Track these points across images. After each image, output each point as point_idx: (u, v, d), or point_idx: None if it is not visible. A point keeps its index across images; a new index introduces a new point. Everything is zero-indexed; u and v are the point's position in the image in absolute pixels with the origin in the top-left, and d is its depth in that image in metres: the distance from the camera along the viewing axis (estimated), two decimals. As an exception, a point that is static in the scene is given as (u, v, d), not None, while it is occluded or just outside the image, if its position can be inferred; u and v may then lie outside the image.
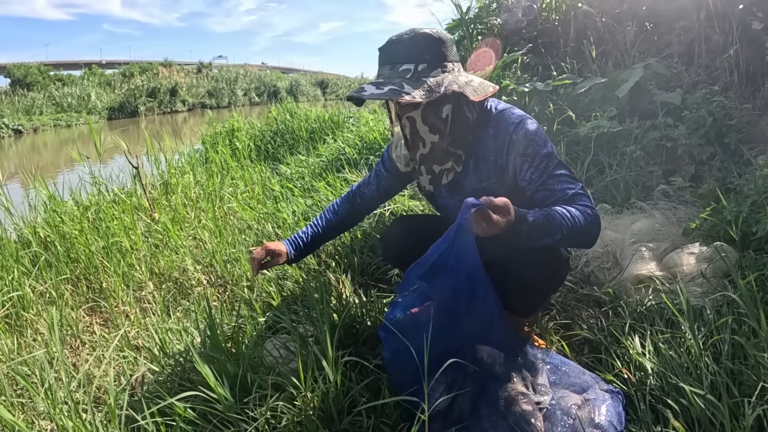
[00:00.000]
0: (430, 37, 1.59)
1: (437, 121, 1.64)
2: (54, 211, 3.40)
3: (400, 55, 1.59)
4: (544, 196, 1.61)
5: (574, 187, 1.60)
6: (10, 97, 31.99)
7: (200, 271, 2.72)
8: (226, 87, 44.10)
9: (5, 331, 2.27)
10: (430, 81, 1.56)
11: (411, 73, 1.57)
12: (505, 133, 1.65)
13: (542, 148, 1.62)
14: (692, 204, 2.64)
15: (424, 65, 1.57)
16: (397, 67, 1.58)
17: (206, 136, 6.72)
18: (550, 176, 1.61)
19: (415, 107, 1.63)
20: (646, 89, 3.38)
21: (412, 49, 1.58)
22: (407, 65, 1.57)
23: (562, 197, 1.58)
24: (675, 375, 1.48)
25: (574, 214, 1.52)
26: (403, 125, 1.71)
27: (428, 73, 1.57)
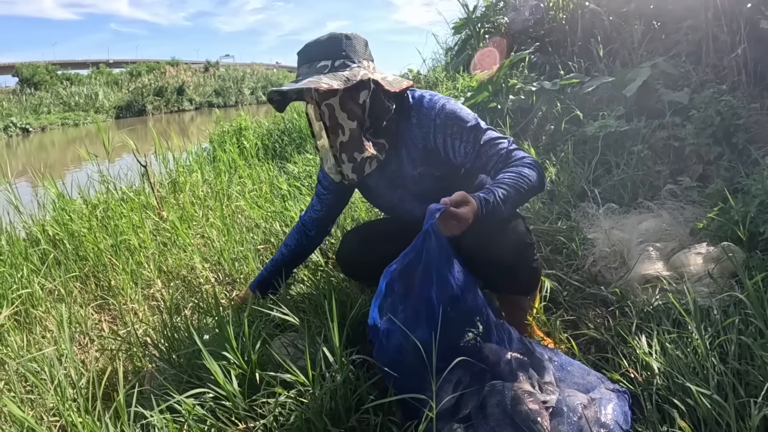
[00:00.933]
0: (347, 36, 1.70)
1: (355, 107, 1.70)
2: (63, 210, 3.42)
3: (317, 53, 1.69)
4: (483, 163, 1.73)
5: (505, 144, 1.72)
6: (18, 96, 32.17)
7: (208, 269, 2.74)
8: (233, 86, 44.20)
9: (14, 328, 2.29)
10: (346, 73, 1.64)
11: (328, 68, 1.66)
12: (428, 118, 1.75)
13: (466, 122, 1.73)
14: (700, 204, 2.63)
15: (341, 61, 1.66)
16: (315, 64, 1.67)
17: (214, 134, 6.74)
18: (482, 144, 1.72)
19: (333, 94, 1.68)
20: (654, 88, 3.37)
21: (329, 48, 1.68)
22: (324, 62, 1.67)
23: (499, 158, 1.70)
24: (681, 375, 1.48)
25: (521, 172, 1.62)
26: (321, 113, 1.73)
27: (344, 68, 1.66)
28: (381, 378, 1.53)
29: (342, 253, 2.12)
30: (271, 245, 2.89)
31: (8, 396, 1.66)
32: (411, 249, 1.45)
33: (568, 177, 3.07)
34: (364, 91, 1.70)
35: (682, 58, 3.74)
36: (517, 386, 1.47)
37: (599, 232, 2.47)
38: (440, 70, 6.56)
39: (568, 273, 2.30)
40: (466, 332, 1.53)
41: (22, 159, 15.73)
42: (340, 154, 1.77)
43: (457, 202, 1.46)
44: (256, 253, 2.75)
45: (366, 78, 1.66)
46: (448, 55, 7.08)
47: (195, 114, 34.63)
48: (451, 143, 1.74)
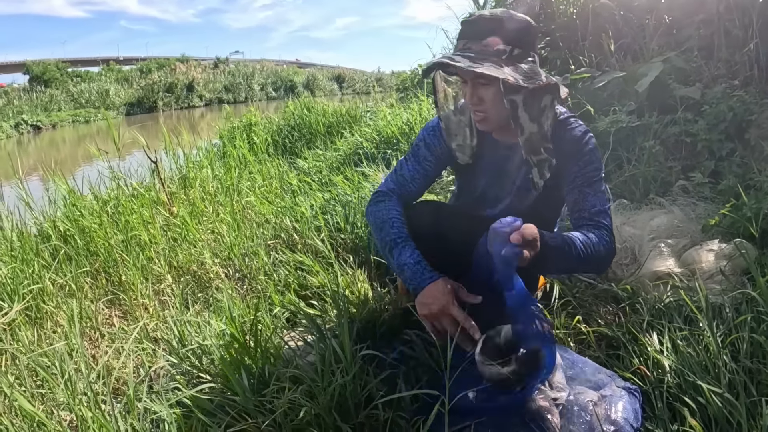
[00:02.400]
0: (528, 22, 1.55)
1: (537, 110, 1.58)
2: (73, 206, 3.44)
3: (497, 33, 1.51)
4: (575, 200, 1.63)
5: (603, 206, 1.61)
6: (29, 94, 32.36)
7: (218, 265, 2.74)
8: (243, 82, 44.33)
9: (26, 323, 2.30)
10: (525, 67, 1.51)
11: (507, 55, 1.50)
12: (573, 142, 1.63)
13: (596, 162, 1.64)
14: (711, 200, 2.61)
15: (519, 50, 1.52)
16: (491, 46, 1.50)
17: (224, 130, 6.76)
18: (590, 185, 1.62)
19: (517, 91, 1.53)
20: (666, 83, 3.35)
21: (508, 30, 1.51)
22: (503, 46, 1.50)
23: (589, 210, 1.61)
24: (693, 373, 1.47)
25: (593, 242, 1.53)
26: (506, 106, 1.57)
27: (522, 59, 1.52)
28: (391, 374, 1.53)
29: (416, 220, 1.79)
30: (281, 241, 2.89)
31: (19, 390, 1.66)
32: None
33: (578, 173, 3.06)
34: (547, 95, 1.58)
35: (693, 53, 3.70)
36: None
37: (610, 228, 2.46)
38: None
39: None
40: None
41: (33, 156, 15.83)
42: (528, 156, 1.65)
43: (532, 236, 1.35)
44: (266, 249, 2.76)
45: (552, 81, 1.54)
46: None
47: (205, 110, 34.75)
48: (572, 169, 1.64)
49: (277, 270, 2.52)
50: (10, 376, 1.86)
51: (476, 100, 1.59)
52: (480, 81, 1.55)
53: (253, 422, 1.46)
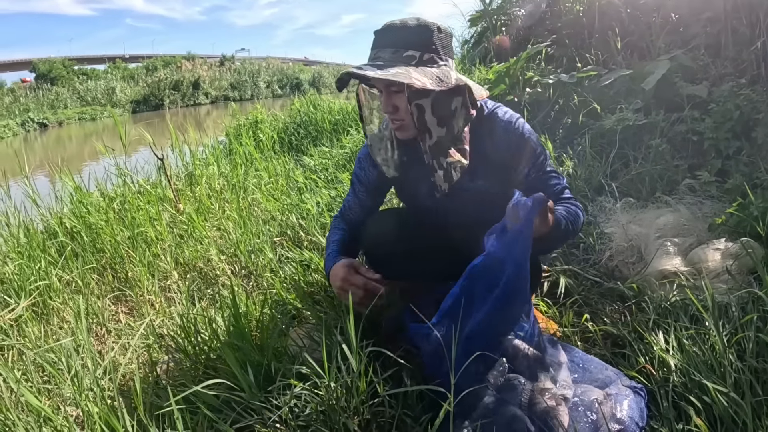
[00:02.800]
0: (438, 28, 1.57)
1: (446, 114, 1.60)
2: (80, 202, 3.45)
3: (405, 39, 1.54)
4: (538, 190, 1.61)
5: (561, 182, 1.74)
6: (36, 92, 32.49)
7: (224, 261, 2.75)
8: (249, 80, 44.42)
9: (32, 319, 2.31)
10: (435, 71, 1.53)
11: (416, 60, 1.52)
12: (506, 133, 1.68)
13: (537, 146, 1.70)
14: (718, 199, 2.60)
15: (430, 55, 1.54)
16: (401, 52, 1.53)
17: (230, 128, 6.77)
18: (545, 173, 1.72)
19: (425, 95, 1.56)
20: (672, 82, 3.34)
21: (419, 36, 1.54)
22: (412, 52, 1.53)
23: (554, 192, 1.71)
24: (698, 372, 1.47)
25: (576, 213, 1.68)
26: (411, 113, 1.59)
27: (432, 64, 1.54)
28: (397, 371, 1.53)
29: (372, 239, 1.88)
30: (288, 237, 2.90)
31: (25, 386, 1.67)
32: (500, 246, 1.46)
33: (585, 171, 3.05)
34: (458, 97, 1.60)
35: (700, 51, 3.69)
36: (533, 382, 1.47)
37: (616, 226, 2.45)
38: (456, 62, 6.53)
39: (585, 267, 2.29)
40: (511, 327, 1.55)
41: (39, 153, 15.87)
42: (432, 161, 1.68)
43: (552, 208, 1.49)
44: (272, 245, 2.76)
45: (462, 83, 1.57)
46: (464, 48, 7.06)
47: (211, 108, 34.82)
48: (519, 161, 1.69)
49: (283, 267, 2.52)
50: (16, 371, 1.87)
51: (391, 108, 1.61)
52: (392, 89, 1.58)
53: (259, 418, 1.46)
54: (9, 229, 3.12)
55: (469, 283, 1.50)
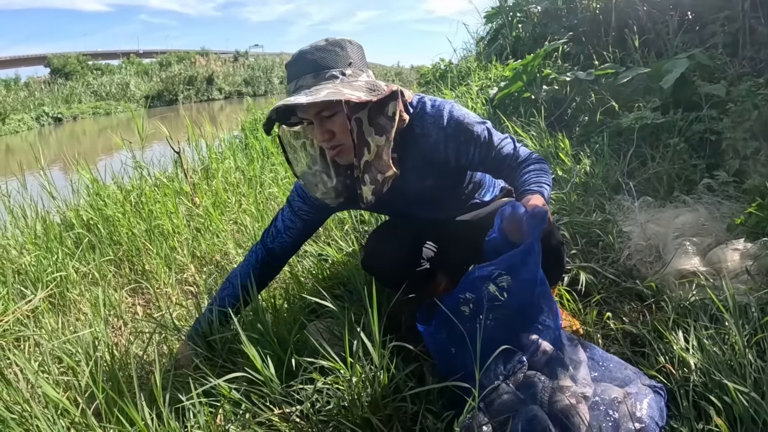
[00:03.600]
0: (350, 43, 1.57)
1: (384, 121, 1.56)
2: (97, 195, 3.47)
3: (323, 62, 1.52)
4: (497, 166, 1.73)
5: (513, 145, 1.73)
6: (50, 86, 32.70)
7: (241, 255, 2.76)
8: (263, 75, 44.47)
9: (49, 310, 2.33)
10: (362, 83, 1.52)
11: (340, 78, 1.51)
12: (437, 128, 1.64)
13: (476, 127, 1.67)
14: (736, 199, 2.58)
15: (351, 70, 1.53)
16: (324, 74, 1.51)
17: (246, 122, 6.79)
18: (494, 148, 1.69)
19: (362, 107, 1.53)
20: (690, 80, 3.31)
21: (335, 55, 1.53)
22: (334, 71, 1.51)
23: (513, 159, 1.71)
24: (718, 372, 1.46)
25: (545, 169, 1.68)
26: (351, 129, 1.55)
27: (357, 77, 1.54)
28: (418, 366, 1.53)
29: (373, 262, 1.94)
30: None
31: (43, 377, 1.68)
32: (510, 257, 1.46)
33: (602, 169, 3.04)
34: (392, 102, 1.56)
35: (718, 50, 3.66)
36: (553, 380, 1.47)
37: (634, 225, 2.44)
38: (472, 59, 6.53)
39: (604, 266, 2.28)
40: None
41: (54, 147, 15.96)
42: (363, 175, 1.61)
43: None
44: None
45: (394, 88, 1.55)
46: (479, 45, 7.04)
47: (224, 103, 34.93)
48: (464, 150, 1.67)
49: (301, 261, 2.53)
50: (33, 362, 1.89)
51: (327, 135, 1.57)
52: (324, 114, 1.54)
53: (279, 412, 1.47)
54: (26, 220, 3.15)
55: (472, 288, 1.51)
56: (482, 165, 1.73)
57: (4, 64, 54.58)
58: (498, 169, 1.73)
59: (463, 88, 5.34)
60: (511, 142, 1.73)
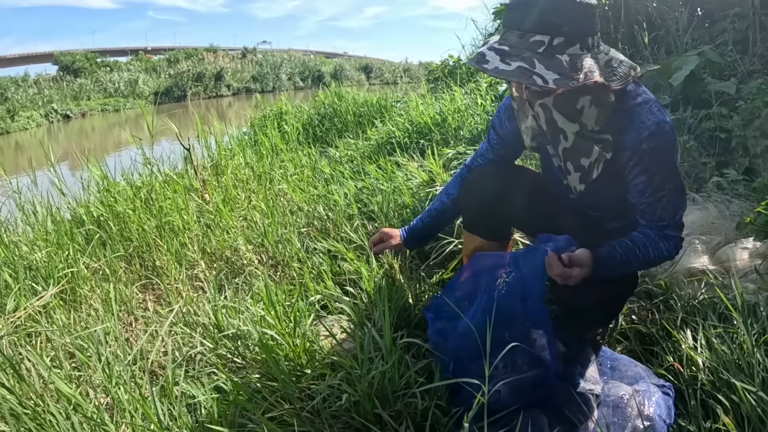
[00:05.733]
0: (572, 3, 1.32)
1: (572, 111, 1.44)
2: (107, 191, 3.48)
3: (532, 21, 1.32)
4: (643, 211, 1.53)
5: (674, 216, 1.53)
6: (59, 84, 32.84)
7: (252, 251, 2.77)
8: (271, 72, 44.53)
9: (60, 306, 2.34)
10: (566, 60, 1.31)
11: (544, 47, 1.32)
12: (637, 137, 1.43)
13: (666, 166, 1.47)
14: (746, 198, 2.58)
15: (561, 39, 1.32)
16: (528, 37, 1.33)
17: (255, 119, 6.80)
18: (659, 199, 1.49)
19: (547, 93, 1.43)
20: (700, 78, 3.30)
21: (548, 16, 1.31)
22: (540, 36, 1.32)
23: (656, 223, 1.52)
24: (726, 371, 1.47)
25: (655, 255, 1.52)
26: (536, 114, 1.50)
27: (564, 50, 1.32)
28: (429, 363, 1.54)
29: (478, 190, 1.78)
30: (315, 228, 2.91)
31: (55, 372, 1.70)
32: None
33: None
34: (585, 96, 1.41)
35: (728, 47, 3.65)
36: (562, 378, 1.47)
37: (644, 223, 2.44)
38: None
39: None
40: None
41: (63, 144, 16.03)
42: (565, 164, 1.55)
43: (578, 262, 1.41)
44: (299, 236, 2.78)
45: (591, 82, 1.33)
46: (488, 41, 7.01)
47: (233, 99, 35.01)
48: (637, 173, 1.48)
49: (311, 257, 2.54)
50: (46, 358, 1.90)
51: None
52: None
53: (291, 408, 1.47)
54: (36, 217, 3.17)
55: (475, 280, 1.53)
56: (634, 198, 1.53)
57: (12, 61, 54.88)
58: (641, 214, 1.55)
59: (471, 85, 5.33)
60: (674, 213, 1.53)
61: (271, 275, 2.53)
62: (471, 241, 1.87)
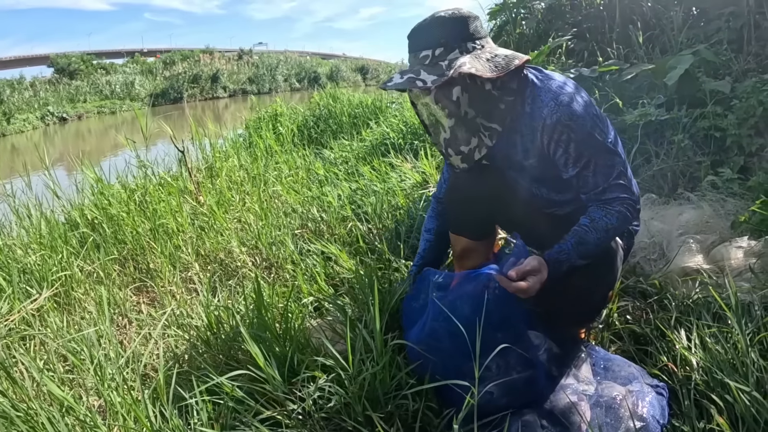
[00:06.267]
0: (444, 19, 1.55)
1: (449, 104, 1.59)
2: (101, 194, 3.48)
3: (420, 42, 1.56)
4: (578, 185, 1.60)
5: (608, 178, 1.56)
6: (55, 86, 32.78)
7: (245, 253, 2.77)
8: (267, 73, 44.48)
9: (54, 309, 2.34)
10: (445, 64, 1.50)
11: (429, 58, 1.53)
12: (540, 114, 1.55)
13: (578, 132, 1.54)
14: (741, 196, 2.58)
15: (441, 49, 1.52)
16: (418, 55, 1.55)
17: (250, 120, 6.81)
18: (585, 166, 1.56)
19: (426, 93, 1.59)
20: (695, 77, 3.30)
21: (429, 34, 1.55)
22: (426, 51, 1.54)
23: (594, 192, 1.57)
24: (720, 370, 1.46)
25: (605, 225, 1.55)
26: (419, 113, 1.70)
27: (445, 56, 1.52)
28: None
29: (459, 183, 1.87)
30: (309, 230, 2.91)
31: (48, 375, 1.69)
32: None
33: (606, 166, 3.03)
34: (456, 87, 1.56)
35: (723, 46, 3.64)
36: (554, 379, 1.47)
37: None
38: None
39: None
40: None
41: (59, 147, 16.01)
42: (446, 149, 1.69)
43: (526, 273, 1.45)
44: (293, 238, 2.77)
45: (456, 74, 1.48)
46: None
47: (229, 101, 35.00)
48: (554, 149, 1.57)
49: (304, 259, 2.53)
50: (39, 361, 1.90)
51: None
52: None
53: (282, 410, 1.47)
54: (31, 220, 3.16)
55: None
56: (566, 173, 1.60)
57: (8, 64, 54.72)
58: (579, 189, 1.62)
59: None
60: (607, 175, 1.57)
61: (265, 277, 2.53)
62: (458, 243, 1.93)
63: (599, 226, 1.54)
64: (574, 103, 1.54)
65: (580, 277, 1.56)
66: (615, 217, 1.55)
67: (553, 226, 1.66)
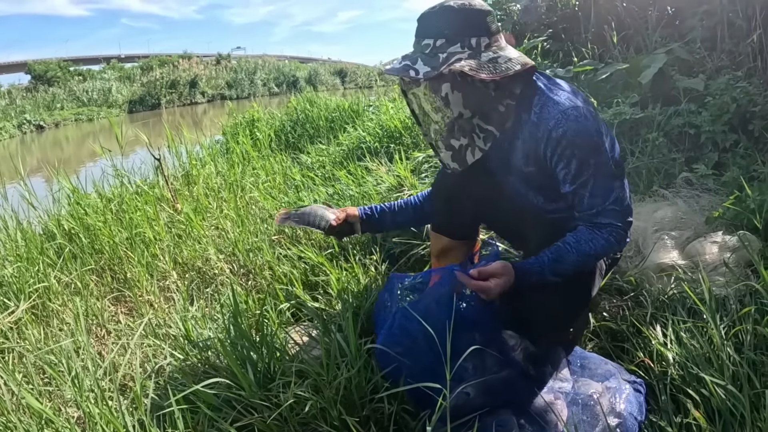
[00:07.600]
0: (451, 10, 1.49)
1: (437, 100, 1.55)
2: (78, 204, 3.44)
3: (424, 28, 1.52)
4: (574, 203, 1.56)
5: (604, 202, 1.52)
6: (32, 93, 32.39)
7: (223, 260, 2.75)
8: (246, 78, 44.24)
9: (32, 321, 2.31)
10: (443, 57, 1.46)
11: (430, 48, 1.49)
12: (545, 127, 1.50)
13: (582, 150, 1.49)
14: (715, 192, 2.61)
15: (442, 40, 1.48)
16: (421, 41, 1.51)
17: (227, 126, 6.77)
18: (582, 185, 1.51)
19: (416, 84, 1.57)
20: (669, 75, 3.34)
21: (434, 23, 1.50)
22: (428, 40, 1.50)
23: (588, 213, 1.54)
24: (696, 365, 1.48)
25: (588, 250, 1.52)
26: (409, 101, 1.67)
27: (446, 49, 1.47)
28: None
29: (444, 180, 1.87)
30: (285, 235, 2.90)
31: (26, 388, 1.67)
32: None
33: (582, 165, 3.05)
34: (446, 83, 1.52)
35: (696, 44, 3.69)
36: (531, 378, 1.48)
37: (614, 220, 2.45)
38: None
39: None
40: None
41: (36, 155, 15.83)
42: (436, 142, 1.65)
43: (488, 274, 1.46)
44: (270, 244, 2.76)
45: (447, 70, 1.45)
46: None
47: (208, 106, 34.79)
48: (556, 162, 1.53)
49: (281, 265, 2.52)
50: (17, 374, 1.87)
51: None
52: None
53: (259, 416, 1.47)
54: (7, 232, 3.12)
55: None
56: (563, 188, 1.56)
57: (-15, 72, 54.09)
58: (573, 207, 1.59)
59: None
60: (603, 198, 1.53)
61: (242, 284, 2.52)
62: (437, 242, 1.93)
63: (582, 249, 1.51)
64: (582, 119, 1.48)
65: (550, 293, 1.53)
66: (601, 244, 1.52)
67: (540, 231, 1.65)
